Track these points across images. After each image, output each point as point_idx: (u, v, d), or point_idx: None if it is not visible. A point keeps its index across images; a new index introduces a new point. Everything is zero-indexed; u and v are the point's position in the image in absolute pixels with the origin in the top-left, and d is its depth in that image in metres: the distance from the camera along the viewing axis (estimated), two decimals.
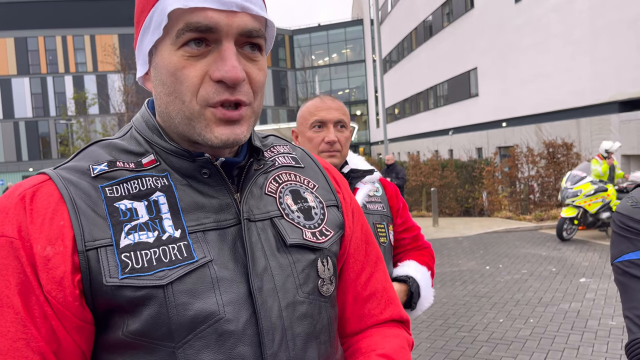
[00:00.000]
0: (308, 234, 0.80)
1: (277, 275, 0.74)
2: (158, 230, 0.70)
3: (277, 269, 0.75)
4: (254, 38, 0.72)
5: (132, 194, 0.72)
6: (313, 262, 0.79)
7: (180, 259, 0.68)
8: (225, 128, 0.71)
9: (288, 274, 0.76)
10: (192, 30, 0.68)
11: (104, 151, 0.76)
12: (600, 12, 14.34)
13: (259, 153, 0.81)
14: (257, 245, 0.75)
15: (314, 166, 0.92)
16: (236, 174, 0.79)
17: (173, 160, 0.75)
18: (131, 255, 0.67)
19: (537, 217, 11.85)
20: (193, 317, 0.67)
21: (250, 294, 0.71)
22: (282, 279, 0.75)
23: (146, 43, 0.73)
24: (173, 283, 0.67)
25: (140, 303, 0.66)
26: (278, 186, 0.83)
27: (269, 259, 0.75)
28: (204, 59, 0.70)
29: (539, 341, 4.47)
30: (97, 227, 0.68)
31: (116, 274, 0.66)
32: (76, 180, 0.71)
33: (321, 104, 1.67)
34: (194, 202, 0.74)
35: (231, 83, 0.69)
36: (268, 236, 0.77)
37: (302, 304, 0.76)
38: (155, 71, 0.73)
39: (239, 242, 0.74)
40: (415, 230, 1.87)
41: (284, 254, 0.77)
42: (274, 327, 0.72)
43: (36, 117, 42.96)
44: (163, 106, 0.74)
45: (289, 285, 0.75)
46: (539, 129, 16.96)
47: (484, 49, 21.22)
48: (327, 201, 0.87)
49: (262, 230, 0.76)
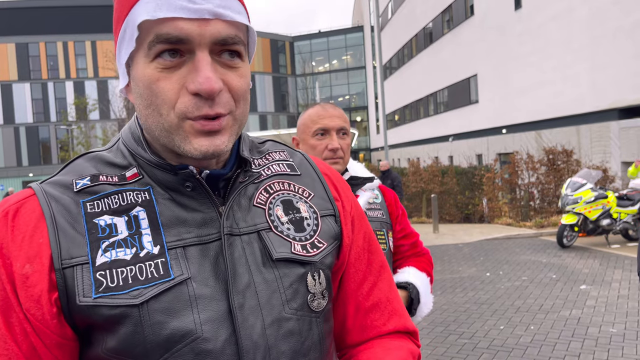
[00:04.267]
0: (297, 246, 0.76)
1: (261, 291, 0.72)
2: (136, 246, 0.68)
3: (261, 284, 0.72)
4: (231, 45, 0.68)
5: (113, 209, 0.70)
6: (302, 277, 0.75)
7: (156, 276, 0.67)
8: (204, 139, 0.68)
9: (274, 289, 0.72)
10: (162, 42, 0.65)
11: (89, 164, 0.75)
12: (600, 20, 14.40)
13: (246, 164, 0.78)
14: (241, 260, 0.72)
15: (312, 173, 0.87)
16: (222, 186, 0.76)
17: (157, 173, 0.73)
18: (106, 273, 0.66)
19: (538, 224, 11.84)
20: (169, 336, 0.65)
21: (230, 311, 0.69)
22: (266, 295, 0.72)
23: (122, 55, 0.70)
24: (148, 302, 0.65)
25: (116, 321, 0.65)
26: (269, 197, 0.80)
27: (253, 275, 0.72)
28: (178, 70, 0.67)
29: (540, 348, 4.45)
30: (75, 245, 0.67)
31: (90, 293, 0.65)
32: (59, 195, 0.70)
33: (323, 112, 1.68)
34: (175, 216, 0.71)
35: (207, 95, 0.66)
36: (254, 250, 0.74)
37: (289, 321, 0.73)
38: (134, 83, 0.71)
39: (221, 257, 0.71)
40: (414, 237, 1.88)
41: (270, 268, 0.73)
42: (255, 346, 0.69)
43: (37, 123, 43.03)
44: (143, 119, 0.71)
45: (275, 302, 0.72)
46: (539, 136, 16.98)
47: (484, 55, 21.28)
48: (322, 210, 0.83)
49: (247, 244, 0.74)
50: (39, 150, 43.31)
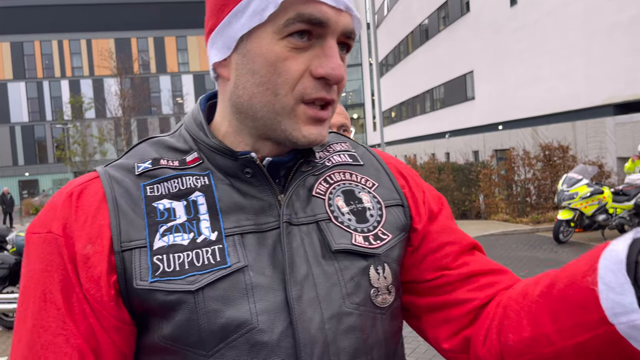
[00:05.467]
0: (359, 238, 0.73)
1: (320, 283, 0.69)
2: (194, 232, 0.68)
3: (320, 276, 0.69)
4: (350, 40, 0.71)
5: (172, 194, 0.70)
6: (364, 270, 0.72)
7: (212, 263, 0.65)
8: (314, 127, 0.69)
9: (334, 282, 0.69)
10: (303, 22, 0.65)
11: (152, 148, 0.76)
12: (595, 15, 14.42)
13: (309, 154, 0.76)
14: (299, 251, 0.70)
15: (375, 164, 0.85)
16: (283, 174, 0.74)
17: (216, 158, 0.73)
18: (163, 258, 0.65)
19: (534, 220, 11.88)
20: (224, 325, 0.64)
21: (287, 303, 0.66)
22: (326, 287, 0.69)
23: (237, 27, 0.68)
24: (204, 289, 0.64)
25: (172, 308, 0.64)
26: (329, 187, 0.77)
27: (312, 266, 0.69)
28: (305, 52, 0.67)
29: None
30: (134, 228, 0.67)
31: (146, 277, 0.64)
32: (121, 178, 0.71)
33: None
34: (233, 202, 0.70)
35: (335, 81, 0.67)
36: (312, 241, 0.71)
37: (350, 316, 0.69)
38: (244, 59, 0.68)
39: (279, 247, 0.69)
40: None
41: (330, 260, 0.71)
42: (313, 340, 0.66)
43: (32, 122, 42.89)
44: (246, 97, 0.69)
45: (334, 295, 0.69)
46: (535, 132, 17.02)
47: (479, 52, 21.30)
48: (387, 201, 0.79)
49: (306, 235, 0.71)
50: (34, 149, 43.17)
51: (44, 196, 30.89)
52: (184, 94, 45.31)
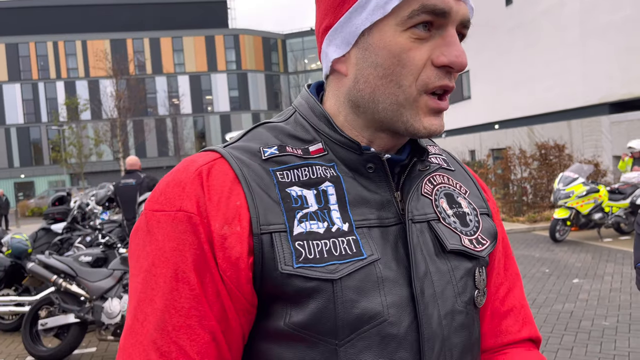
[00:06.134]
0: (466, 240, 0.76)
1: (436, 281, 0.71)
2: (327, 221, 0.68)
3: (436, 274, 0.72)
4: (466, 29, 0.71)
5: (302, 181, 0.70)
6: (470, 271, 0.75)
7: (350, 254, 0.66)
8: (434, 119, 0.70)
9: (447, 280, 0.72)
10: (427, 13, 0.65)
11: (271, 134, 0.74)
12: (591, 15, 14.46)
13: (423, 153, 0.78)
14: (418, 248, 0.71)
15: (462, 171, 0.88)
16: (397, 171, 0.76)
17: (339, 151, 0.73)
18: (304, 244, 0.65)
19: (530, 219, 11.89)
20: (359, 316, 0.65)
21: (412, 298, 0.68)
22: (441, 285, 0.72)
23: (358, 23, 0.69)
24: (343, 278, 0.65)
25: (308, 295, 0.64)
26: (433, 188, 0.79)
27: (428, 263, 0.72)
28: (427, 42, 0.67)
29: None
30: (271, 211, 0.66)
31: (291, 262, 0.64)
32: (248, 160, 0.69)
33: None
34: (359, 195, 0.71)
35: (459, 69, 0.67)
36: (426, 239, 0.73)
37: (460, 314, 0.73)
38: (366, 53, 0.69)
39: (400, 242, 0.71)
40: None
41: (443, 259, 0.73)
42: (434, 335, 0.69)
43: (28, 123, 42.72)
44: (368, 90, 0.70)
45: (448, 293, 0.72)
46: (531, 131, 17.05)
47: (475, 51, 21.32)
48: (479, 208, 0.83)
49: (420, 233, 0.73)
50: (30, 151, 43.00)
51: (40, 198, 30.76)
52: (180, 95, 45.21)
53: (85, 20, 42.87)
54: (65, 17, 42.85)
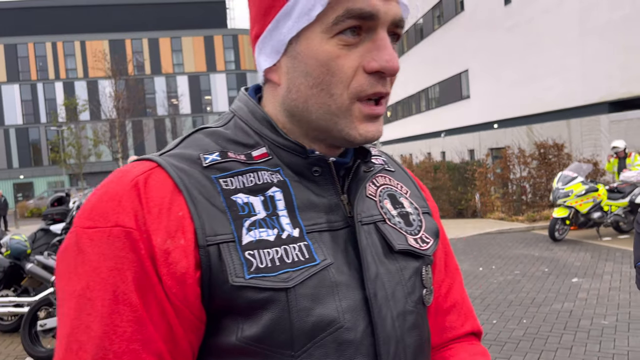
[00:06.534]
0: (411, 240, 0.76)
1: (387, 282, 0.71)
2: (277, 228, 0.65)
3: (386, 275, 0.71)
4: (400, 28, 0.68)
5: (248, 188, 0.67)
6: (418, 270, 0.76)
7: (302, 260, 0.64)
8: (370, 125, 0.68)
9: (397, 281, 0.72)
10: (353, 17, 0.63)
11: (210, 140, 0.71)
12: (590, 13, 14.46)
13: (366, 155, 0.76)
14: (367, 250, 0.70)
15: (401, 171, 0.88)
16: (342, 174, 0.75)
17: (284, 155, 0.70)
18: (254, 253, 0.62)
19: (530, 218, 11.90)
20: (315, 324, 0.63)
21: (365, 301, 0.67)
22: (392, 286, 0.71)
23: (285, 31, 0.66)
24: (296, 286, 0.63)
25: (261, 306, 0.61)
26: (376, 189, 0.79)
27: (378, 265, 0.71)
28: (356, 48, 0.65)
29: (532, 341, 4.48)
30: (217, 221, 0.63)
31: (242, 273, 0.61)
32: (187, 168, 0.65)
33: None
34: (307, 200, 0.69)
35: (390, 73, 0.65)
36: (374, 241, 0.73)
37: (412, 314, 0.73)
38: (295, 61, 0.67)
39: (350, 246, 0.70)
40: None
41: (392, 260, 0.73)
42: (389, 338, 0.68)
43: (27, 124, 42.70)
44: (300, 99, 0.68)
45: (399, 294, 0.72)
46: (530, 130, 17.06)
47: (474, 51, 21.33)
48: (421, 208, 0.83)
49: (368, 235, 0.72)
50: (29, 151, 42.98)
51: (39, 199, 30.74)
52: (178, 95, 45.20)
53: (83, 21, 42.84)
54: (63, 17, 42.82)
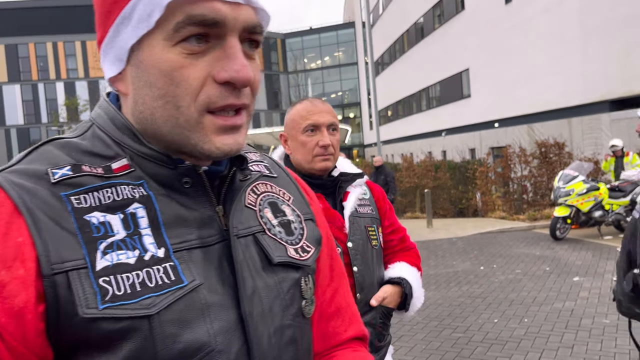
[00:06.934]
0: (291, 250, 0.73)
1: (264, 297, 0.67)
2: (138, 248, 0.59)
3: (264, 290, 0.67)
4: (257, 35, 0.63)
5: (105, 205, 0.60)
6: (297, 282, 0.72)
7: (167, 283, 0.59)
8: (228, 137, 0.62)
9: (275, 295, 0.69)
10: (195, 24, 0.58)
11: (62, 152, 0.63)
12: (590, 12, 14.45)
13: (242, 162, 0.72)
14: (244, 265, 0.67)
15: (285, 176, 0.83)
16: (217, 184, 0.70)
17: (149, 167, 0.64)
18: (111, 279, 0.56)
19: (531, 217, 11.89)
20: (182, 351, 0.58)
21: (240, 320, 0.64)
22: (269, 301, 0.68)
23: (125, 37, 0.61)
24: (160, 312, 0.57)
25: (120, 337, 0.55)
26: (257, 198, 0.75)
27: (255, 280, 0.67)
28: (203, 57, 0.60)
29: (534, 340, 4.48)
30: (65, 246, 0.56)
31: (95, 304, 0.55)
32: (31, 186, 0.58)
33: (313, 107, 1.66)
34: (176, 215, 0.63)
35: (242, 84, 0.61)
36: (252, 254, 0.69)
37: (289, 328, 0.70)
38: (139, 71, 0.61)
39: (225, 261, 0.66)
40: (401, 232, 1.88)
41: (270, 273, 0.69)
42: (264, 356, 0.65)
43: (28, 124, 42.74)
44: (147, 112, 0.62)
45: (276, 309, 0.68)
46: (531, 129, 17.04)
47: (475, 50, 21.31)
48: (303, 214, 0.80)
49: (245, 247, 0.68)
50: None
51: None
52: None
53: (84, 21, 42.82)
54: (64, 17, 42.83)
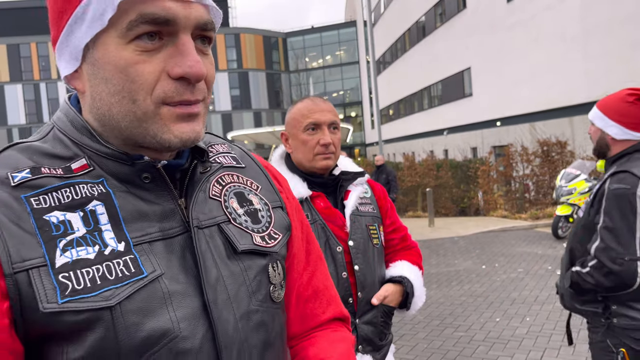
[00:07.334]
0: (257, 238, 0.76)
1: (229, 284, 0.70)
2: (99, 244, 0.63)
3: (229, 277, 0.71)
4: (209, 31, 0.67)
5: (65, 204, 0.63)
6: (264, 268, 0.76)
7: (127, 274, 0.62)
8: (185, 125, 0.65)
9: (241, 282, 0.72)
10: (147, 23, 0.61)
11: (23, 156, 0.67)
12: (592, 10, 14.42)
13: (203, 155, 0.75)
14: (207, 254, 0.70)
15: (254, 166, 0.87)
16: (179, 177, 0.73)
17: (108, 165, 0.68)
18: (70, 275, 0.60)
19: (533, 216, 11.88)
20: (145, 338, 0.61)
21: (204, 307, 0.67)
22: (235, 288, 0.71)
23: (80, 36, 0.64)
24: (121, 303, 0.61)
25: (83, 328, 0.59)
26: (222, 189, 0.78)
27: (220, 268, 0.70)
28: (157, 54, 0.63)
29: (536, 339, 4.47)
30: (25, 245, 0.59)
31: (54, 298, 0.58)
32: None
33: (314, 106, 1.66)
34: (136, 210, 0.67)
35: (195, 79, 0.64)
36: (217, 243, 0.72)
37: (257, 313, 0.73)
38: (94, 68, 0.64)
39: (188, 252, 0.69)
40: (403, 231, 1.88)
41: (235, 261, 0.73)
42: (231, 341, 0.68)
43: (30, 124, 42.81)
44: (105, 107, 0.65)
45: (242, 295, 0.71)
46: (533, 128, 17.02)
47: (477, 48, 21.28)
48: (271, 202, 0.83)
49: (210, 238, 0.72)
50: None
51: None
52: None
53: None
54: None
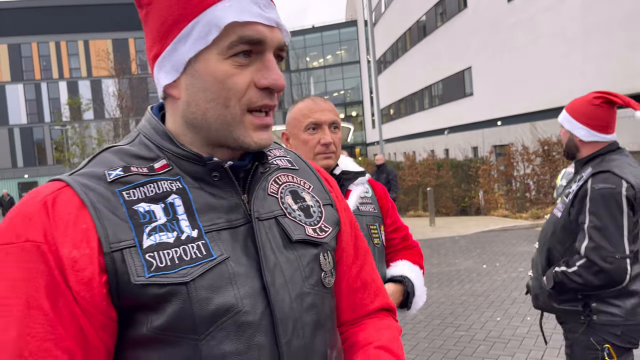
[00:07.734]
0: (310, 230, 0.87)
1: (285, 269, 0.81)
2: (176, 230, 0.75)
3: (285, 263, 0.81)
4: (283, 52, 0.81)
5: (149, 197, 0.76)
6: (316, 256, 0.86)
7: (200, 257, 0.74)
8: (263, 133, 0.80)
9: (295, 268, 0.82)
10: (245, 43, 0.75)
11: (116, 157, 0.80)
12: (593, 10, 14.40)
13: (263, 157, 0.87)
14: (266, 243, 0.81)
15: (307, 169, 0.99)
16: (242, 176, 0.85)
17: (184, 165, 0.80)
18: (154, 255, 0.72)
19: (534, 215, 11.88)
20: (214, 311, 0.72)
21: (263, 287, 0.78)
22: (290, 272, 0.81)
23: (183, 52, 0.77)
24: (195, 280, 0.72)
25: (165, 300, 0.70)
26: (279, 187, 0.90)
27: (277, 255, 0.81)
28: (248, 67, 0.77)
29: (536, 339, 4.48)
30: (120, 229, 0.72)
31: (143, 273, 0.70)
32: (93, 185, 0.75)
33: (315, 106, 1.66)
34: (206, 203, 0.79)
35: (278, 90, 0.78)
36: (274, 234, 0.83)
37: (309, 295, 0.83)
38: (193, 79, 0.77)
39: (249, 240, 0.80)
40: (404, 230, 1.88)
41: (290, 250, 0.83)
42: (286, 317, 0.78)
43: (31, 124, 42.82)
44: (199, 112, 0.78)
45: (297, 278, 0.82)
46: (534, 127, 17.00)
47: (477, 48, 21.27)
48: (322, 200, 0.94)
49: (268, 229, 0.83)
50: (33, 151, 43.10)
51: None
52: None
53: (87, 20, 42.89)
54: (67, 17, 42.89)
